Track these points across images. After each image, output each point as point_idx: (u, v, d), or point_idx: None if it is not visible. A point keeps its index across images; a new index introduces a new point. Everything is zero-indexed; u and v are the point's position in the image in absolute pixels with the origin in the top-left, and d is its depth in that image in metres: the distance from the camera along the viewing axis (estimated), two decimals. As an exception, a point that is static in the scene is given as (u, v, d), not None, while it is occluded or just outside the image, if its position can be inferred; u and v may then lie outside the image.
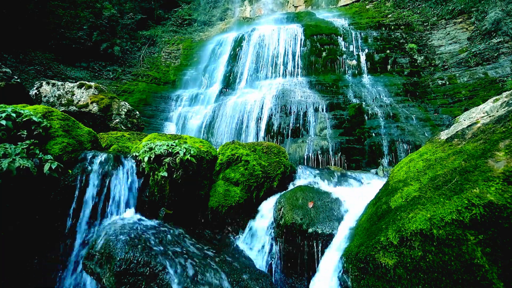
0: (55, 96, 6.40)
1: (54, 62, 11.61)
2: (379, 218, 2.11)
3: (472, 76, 8.79)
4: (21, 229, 2.76)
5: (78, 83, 6.84)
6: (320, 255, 2.77)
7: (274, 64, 10.58)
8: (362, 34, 11.08)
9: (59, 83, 6.69)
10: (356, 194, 3.49)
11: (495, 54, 8.67)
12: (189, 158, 3.51)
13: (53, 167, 2.87)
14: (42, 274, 2.81)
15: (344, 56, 10.46)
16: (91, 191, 3.13)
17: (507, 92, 2.18)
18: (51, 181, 2.96)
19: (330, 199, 3.29)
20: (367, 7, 13.98)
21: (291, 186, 4.08)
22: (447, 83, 9.01)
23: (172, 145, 3.63)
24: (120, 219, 3.04)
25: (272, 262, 3.19)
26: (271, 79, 10.26)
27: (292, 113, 8.11)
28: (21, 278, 2.73)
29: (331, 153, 6.82)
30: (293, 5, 17.56)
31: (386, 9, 12.96)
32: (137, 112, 7.26)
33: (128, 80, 12.92)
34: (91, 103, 6.43)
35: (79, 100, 6.47)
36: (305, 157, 6.81)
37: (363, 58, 10.39)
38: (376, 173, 5.82)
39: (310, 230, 2.90)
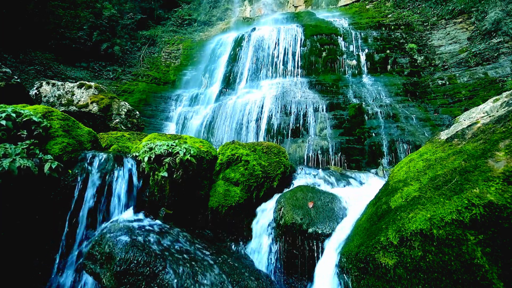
0: (55, 96, 6.40)
1: (54, 62, 11.61)
2: (379, 218, 2.11)
3: (472, 76, 8.79)
4: (21, 229, 2.76)
5: (78, 83, 6.84)
6: (320, 255, 2.77)
7: (274, 64, 10.58)
8: (362, 34, 11.08)
9: (59, 83, 6.69)
10: (356, 194, 3.49)
11: (495, 54, 8.67)
12: (189, 158, 3.51)
13: (53, 166, 2.87)
14: (42, 274, 2.81)
15: (344, 56, 10.46)
16: (91, 191, 3.13)
17: (507, 92, 2.18)
18: (51, 181, 2.97)
19: (330, 199, 3.29)
20: (367, 7, 13.98)
21: (291, 186, 4.08)
22: (447, 83, 9.01)
23: (172, 145, 3.64)
24: (120, 219, 3.04)
25: (272, 262, 3.19)
26: (271, 79, 10.26)
27: (292, 113, 8.11)
28: (21, 279, 2.73)
29: (331, 153, 6.82)
30: (293, 5, 17.56)
31: (386, 9, 12.96)
32: (137, 112, 7.26)
33: (128, 80, 12.92)
34: (91, 103, 6.43)
35: (79, 100, 6.47)
36: (305, 157, 6.80)
37: (363, 58, 10.39)
38: (376, 173, 5.82)
39: (310, 230, 2.90)
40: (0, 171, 2.49)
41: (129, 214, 3.24)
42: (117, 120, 6.48)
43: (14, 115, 3.01)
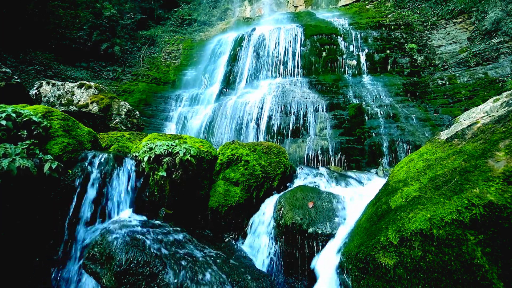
0: (55, 96, 6.40)
1: (54, 62, 11.61)
2: (379, 218, 2.11)
3: (472, 76, 8.79)
4: (21, 230, 2.76)
5: (78, 83, 6.84)
6: (320, 255, 2.77)
7: (274, 64, 10.59)
8: (362, 34, 11.08)
9: (59, 83, 6.69)
10: (356, 194, 3.49)
11: (495, 54, 8.67)
12: (189, 158, 3.51)
13: (53, 167, 2.87)
14: (43, 275, 2.81)
15: (344, 56, 10.46)
16: (91, 191, 3.13)
17: (507, 92, 2.18)
18: (51, 181, 2.96)
19: (330, 199, 3.29)
20: (367, 7, 13.98)
21: (291, 186, 4.07)
22: (447, 83, 9.01)
23: (172, 145, 3.64)
24: (120, 219, 3.04)
25: (272, 262, 3.19)
26: (271, 79, 10.27)
27: (292, 113, 8.11)
28: (21, 279, 2.73)
29: (331, 153, 6.82)
30: (293, 5, 17.56)
31: (386, 9, 12.96)
32: (137, 112, 7.26)
33: (128, 80, 12.92)
34: (91, 103, 6.43)
35: (79, 100, 6.47)
36: (305, 157, 6.81)
37: (363, 58, 10.39)
38: (376, 173, 5.82)
39: (310, 230, 2.90)
40: (0, 170, 2.49)
41: (129, 214, 3.23)
42: (117, 120, 6.47)
43: (14, 115, 3.01)
